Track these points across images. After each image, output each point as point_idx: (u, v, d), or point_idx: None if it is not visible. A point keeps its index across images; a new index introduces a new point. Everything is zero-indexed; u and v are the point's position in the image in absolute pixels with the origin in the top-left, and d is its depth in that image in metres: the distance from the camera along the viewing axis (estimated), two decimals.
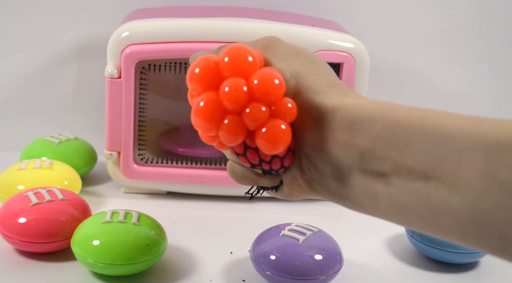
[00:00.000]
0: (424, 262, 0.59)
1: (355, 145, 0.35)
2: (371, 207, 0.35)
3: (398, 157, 0.32)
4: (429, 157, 0.31)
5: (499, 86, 0.90)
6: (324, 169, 0.37)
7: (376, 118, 0.34)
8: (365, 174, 0.34)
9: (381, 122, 0.33)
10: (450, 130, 0.30)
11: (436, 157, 0.30)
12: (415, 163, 0.31)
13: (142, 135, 0.69)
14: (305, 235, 0.53)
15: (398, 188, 0.32)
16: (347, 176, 0.36)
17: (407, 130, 0.32)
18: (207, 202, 0.70)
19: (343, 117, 0.35)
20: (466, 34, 0.87)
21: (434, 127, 0.31)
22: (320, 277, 0.51)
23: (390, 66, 0.88)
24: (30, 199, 0.56)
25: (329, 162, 0.37)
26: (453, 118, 0.31)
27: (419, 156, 0.31)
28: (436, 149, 0.30)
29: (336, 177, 0.37)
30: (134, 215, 0.54)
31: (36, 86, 0.84)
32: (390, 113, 0.34)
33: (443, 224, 0.30)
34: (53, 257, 0.56)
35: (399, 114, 0.33)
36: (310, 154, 0.38)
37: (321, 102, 0.37)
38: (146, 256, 0.51)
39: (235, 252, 0.59)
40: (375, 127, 0.34)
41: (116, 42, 0.65)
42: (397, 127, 0.33)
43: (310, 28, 0.67)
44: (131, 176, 0.69)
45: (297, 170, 0.39)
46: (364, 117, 0.34)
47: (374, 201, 0.34)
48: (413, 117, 0.33)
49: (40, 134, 0.76)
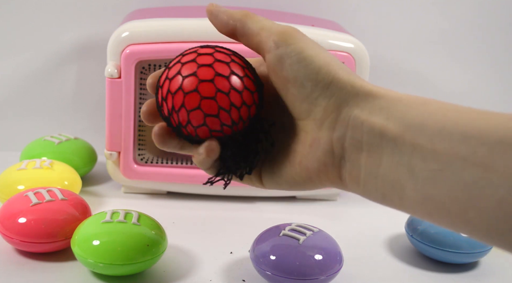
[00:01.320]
0: (424, 262, 0.59)
1: (389, 130, 0.34)
2: (395, 197, 0.34)
3: (428, 144, 0.32)
4: (461, 146, 0.30)
5: (499, 86, 0.90)
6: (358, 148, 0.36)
7: (411, 108, 0.34)
8: (393, 160, 0.34)
9: (415, 111, 0.34)
10: (481, 125, 0.31)
11: (468, 147, 0.30)
12: (445, 149, 0.31)
13: (142, 135, 0.69)
14: (305, 235, 0.53)
15: (424, 178, 0.32)
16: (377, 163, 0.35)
17: (439, 121, 0.32)
18: (207, 202, 0.70)
19: (385, 102, 0.35)
20: (466, 34, 0.87)
21: (466, 121, 0.32)
22: (320, 277, 0.51)
23: (390, 66, 0.88)
24: (30, 199, 0.56)
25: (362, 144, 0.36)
26: (479, 113, 0.32)
27: (451, 144, 0.31)
28: (468, 139, 0.30)
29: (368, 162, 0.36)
30: (134, 215, 0.54)
31: (36, 86, 0.84)
32: (423, 106, 0.34)
33: (469, 217, 0.30)
34: (53, 257, 0.56)
35: (432, 107, 0.33)
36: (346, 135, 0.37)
37: (362, 85, 0.37)
38: (146, 256, 0.51)
39: (235, 252, 0.59)
40: (410, 114, 0.33)
41: (116, 42, 0.65)
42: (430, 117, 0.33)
43: (310, 28, 0.67)
44: (131, 176, 0.69)
45: (329, 156, 0.37)
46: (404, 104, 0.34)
47: (400, 190, 0.34)
48: (445, 108, 0.33)
49: (40, 134, 0.76)
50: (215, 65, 0.38)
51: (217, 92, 0.37)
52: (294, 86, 0.38)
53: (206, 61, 0.38)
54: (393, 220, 0.66)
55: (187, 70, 0.38)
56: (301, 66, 0.37)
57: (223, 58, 0.39)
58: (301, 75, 0.37)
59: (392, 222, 0.66)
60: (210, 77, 0.37)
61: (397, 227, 0.64)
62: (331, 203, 0.72)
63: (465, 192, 0.30)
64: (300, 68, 0.37)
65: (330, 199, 0.73)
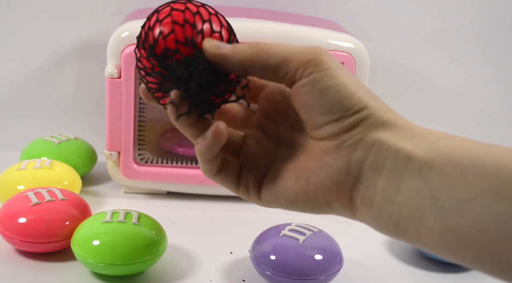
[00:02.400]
0: (424, 262, 0.59)
1: (417, 156, 0.33)
2: (410, 227, 0.33)
3: (458, 173, 0.31)
4: (494, 178, 0.30)
5: (499, 85, 0.90)
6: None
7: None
8: (414, 188, 0.33)
9: (446, 141, 0.34)
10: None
11: (502, 179, 0.30)
12: (476, 180, 0.30)
13: (142, 135, 0.69)
14: (305, 235, 0.53)
15: (449, 208, 0.31)
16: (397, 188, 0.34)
17: (471, 152, 0.32)
18: (207, 202, 0.70)
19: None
20: (466, 34, 0.87)
21: (500, 154, 0.31)
22: (320, 277, 0.51)
23: (390, 66, 0.88)
24: (30, 199, 0.56)
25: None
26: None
27: (483, 175, 0.30)
28: (502, 171, 0.30)
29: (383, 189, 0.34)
30: (134, 215, 0.54)
31: (36, 86, 0.84)
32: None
33: (498, 250, 0.29)
34: (53, 257, 0.56)
35: (463, 140, 0.33)
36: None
37: (393, 114, 0.36)
38: (146, 256, 0.51)
39: (235, 252, 0.59)
40: (440, 143, 0.33)
41: (116, 42, 0.65)
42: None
43: (310, 28, 0.67)
44: (131, 176, 0.69)
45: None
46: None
47: (418, 220, 0.32)
48: (477, 142, 0.32)
49: (40, 134, 0.76)
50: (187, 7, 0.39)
51: (186, 17, 0.39)
52: (321, 110, 0.36)
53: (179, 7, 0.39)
54: None
55: (163, 14, 0.39)
56: (332, 92, 0.36)
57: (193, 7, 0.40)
58: (331, 102, 0.36)
59: None
60: (182, 8, 0.39)
61: None
62: None
63: (496, 224, 0.29)
64: (330, 94, 0.36)
65: None
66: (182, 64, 0.37)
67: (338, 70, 0.36)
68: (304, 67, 0.36)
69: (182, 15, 0.38)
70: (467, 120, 0.90)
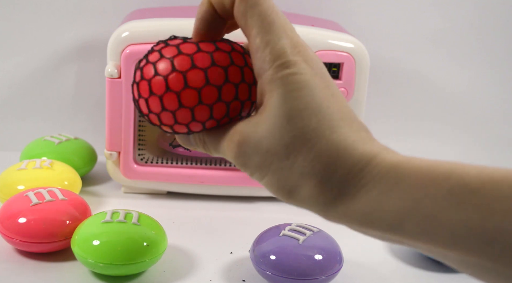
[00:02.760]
0: (424, 262, 0.59)
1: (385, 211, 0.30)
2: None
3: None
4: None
5: (499, 85, 0.90)
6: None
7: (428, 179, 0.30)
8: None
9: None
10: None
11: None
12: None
13: (142, 135, 0.69)
14: (305, 235, 0.53)
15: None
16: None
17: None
18: (207, 202, 0.70)
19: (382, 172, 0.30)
20: (466, 34, 0.87)
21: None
22: (320, 277, 0.51)
23: (390, 66, 0.88)
24: (30, 199, 0.56)
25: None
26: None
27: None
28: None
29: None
30: (134, 215, 0.54)
31: (36, 86, 0.84)
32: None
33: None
34: (53, 257, 0.56)
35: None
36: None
37: (351, 146, 0.31)
38: (146, 256, 0.51)
39: (235, 252, 0.59)
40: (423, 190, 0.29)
41: (116, 42, 0.65)
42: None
43: (310, 28, 0.67)
44: (131, 176, 0.69)
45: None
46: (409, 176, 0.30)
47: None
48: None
49: (40, 134, 0.76)
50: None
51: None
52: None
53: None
54: None
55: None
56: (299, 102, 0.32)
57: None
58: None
59: None
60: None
61: None
62: None
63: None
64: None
65: None
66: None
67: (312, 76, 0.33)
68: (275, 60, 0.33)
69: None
70: (467, 120, 0.90)
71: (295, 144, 0.32)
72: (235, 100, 0.35)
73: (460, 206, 0.28)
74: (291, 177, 0.32)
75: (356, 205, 0.31)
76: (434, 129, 0.90)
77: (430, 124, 0.90)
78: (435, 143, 0.90)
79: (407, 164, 0.30)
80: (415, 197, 0.29)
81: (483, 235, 0.27)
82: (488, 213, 0.27)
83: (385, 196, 0.30)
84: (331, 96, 0.33)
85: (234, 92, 0.35)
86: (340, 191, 0.31)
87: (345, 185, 0.31)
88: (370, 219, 0.30)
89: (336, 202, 0.32)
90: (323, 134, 0.31)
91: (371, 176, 0.31)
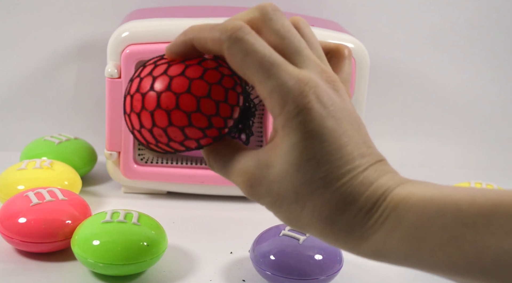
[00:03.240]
0: None
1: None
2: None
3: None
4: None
5: (499, 85, 0.90)
6: None
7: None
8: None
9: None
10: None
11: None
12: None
13: None
14: (305, 235, 0.53)
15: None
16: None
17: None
18: (207, 202, 0.70)
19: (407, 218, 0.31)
20: (466, 34, 0.87)
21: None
22: (320, 277, 0.51)
23: (390, 66, 0.88)
24: (30, 199, 0.56)
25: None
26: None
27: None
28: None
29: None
30: (134, 215, 0.54)
31: (36, 86, 0.84)
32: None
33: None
34: (53, 257, 0.56)
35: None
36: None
37: (357, 191, 0.32)
38: (146, 256, 0.51)
39: (235, 252, 0.59)
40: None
41: (116, 42, 0.65)
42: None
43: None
44: (131, 176, 0.69)
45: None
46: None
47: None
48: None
49: (40, 134, 0.76)
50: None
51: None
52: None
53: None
54: None
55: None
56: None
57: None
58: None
59: None
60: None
61: None
62: None
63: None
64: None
65: None
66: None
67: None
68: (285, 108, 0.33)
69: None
70: (467, 120, 0.90)
71: (304, 191, 0.33)
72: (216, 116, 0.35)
73: (456, 243, 0.29)
74: (302, 218, 0.34)
75: (364, 245, 0.32)
76: (434, 129, 0.90)
77: (430, 124, 0.90)
78: (435, 143, 0.90)
79: (407, 201, 0.31)
80: (415, 236, 0.30)
81: (483, 270, 0.29)
82: (483, 247, 0.29)
83: (389, 237, 0.31)
84: (342, 136, 0.33)
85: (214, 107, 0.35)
86: (349, 233, 0.33)
87: (352, 228, 0.32)
88: (380, 256, 0.32)
89: (346, 241, 0.33)
90: (329, 184, 0.32)
91: (375, 218, 0.32)
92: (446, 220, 0.30)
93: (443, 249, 0.30)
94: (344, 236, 0.33)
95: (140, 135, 0.37)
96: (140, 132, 0.37)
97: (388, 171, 0.33)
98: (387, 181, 0.33)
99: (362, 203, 0.32)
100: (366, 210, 0.32)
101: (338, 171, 0.32)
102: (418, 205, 0.31)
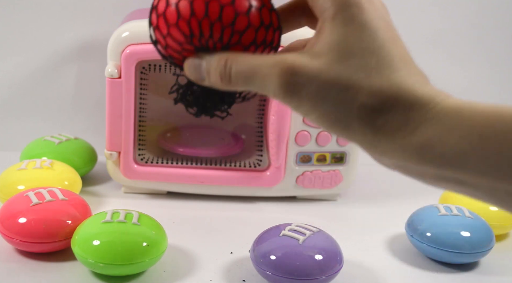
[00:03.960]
0: (424, 262, 0.59)
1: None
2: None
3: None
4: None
5: (499, 85, 0.90)
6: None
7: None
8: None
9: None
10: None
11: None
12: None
13: (142, 135, 0.69)
14: (305, 235, 0.53)
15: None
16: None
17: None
18: (207, 202, 0.70)
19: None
20: (466, 34, 0.87)
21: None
22: (320, 277, 0.51)
23: None
24: (30, 199, 0.56)
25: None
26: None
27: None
28: None
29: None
30: (134, 215, 0.54)
31: (36, 86, 0.84)
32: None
33: None
34: (53, 257, 0.56)
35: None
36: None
37: (411, 86, 0.32)
38: (146, 256, 0.51)
39: (235, 252, 0.59)
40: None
41: (116, 42, 0.65)
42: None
43: None
44: (131, 176, 0.69)
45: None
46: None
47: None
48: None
49: (40, 134, 0.76)
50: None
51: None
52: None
53: None
54: (393, 220, 0.66)
55: None
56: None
57: None
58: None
59: (392, 222, 0.66)
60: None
61: (397, 227, 0.64)
62: (331, 203, 0.72)
63: None
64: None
65: (330, 199, 0.73)
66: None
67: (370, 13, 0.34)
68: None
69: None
70: None
71: (356, 79, 0.32)
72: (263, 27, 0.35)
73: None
74: (351, 110, 0.32)
75: (415, 138, 0.31)
76: None
77: None
78: None
79: (470, 106, 0.31)
80: (481, 134, 0.29)
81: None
82: None
83: (448, 133, 0.30)
84: (392, 39, 0.34)
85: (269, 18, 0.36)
86: (400, 125, 0.32)
87: (406, 120, 0.32)
88: (430, 153, 0.31)
89: (395, 135, 0.32)
90: (383, 73, 0.32)
91: (433, 113, 0.31)
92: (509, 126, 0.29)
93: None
94: (395, 128, 0.32)
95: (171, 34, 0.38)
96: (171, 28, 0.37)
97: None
98: (441, 90, 0.33)
99: (418, 96, 0.32)
100: (421, 104, 0.31)
101: (392, 64, 0.33)
102: (485, 108, 0.30)
